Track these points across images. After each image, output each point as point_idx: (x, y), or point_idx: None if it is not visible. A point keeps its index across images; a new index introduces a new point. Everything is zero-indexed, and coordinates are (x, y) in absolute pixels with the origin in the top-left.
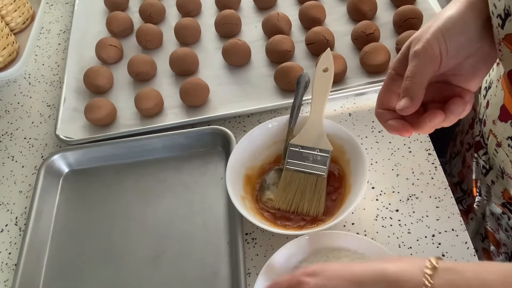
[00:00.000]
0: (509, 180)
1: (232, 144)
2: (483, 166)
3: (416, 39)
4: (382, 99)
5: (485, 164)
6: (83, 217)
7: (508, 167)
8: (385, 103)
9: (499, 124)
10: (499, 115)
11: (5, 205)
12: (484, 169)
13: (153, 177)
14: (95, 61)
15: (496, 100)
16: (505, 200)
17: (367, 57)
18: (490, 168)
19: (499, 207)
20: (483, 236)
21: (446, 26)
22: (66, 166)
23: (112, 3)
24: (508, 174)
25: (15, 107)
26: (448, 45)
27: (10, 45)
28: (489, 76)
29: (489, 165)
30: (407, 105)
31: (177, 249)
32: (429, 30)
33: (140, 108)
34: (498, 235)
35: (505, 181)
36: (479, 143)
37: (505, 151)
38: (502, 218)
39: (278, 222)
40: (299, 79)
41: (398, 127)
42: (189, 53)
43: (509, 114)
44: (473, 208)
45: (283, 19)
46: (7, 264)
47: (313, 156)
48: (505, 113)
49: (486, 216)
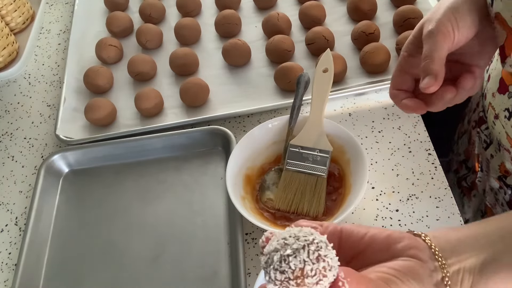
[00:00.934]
0: (504, 153)
1: (232, 144)
2: (484, 141)
3: (428, 21)
4: (396, 80)
5: (486, 138)
6: (83, 217)
7: (503, 138)
8: (399, 84)
9: (497, 97)
10: (498, 87)
11: (5, 205)
12: (485, 143)
13: (153, 177)
14: (95, 61)
15: (495, 73)
16: (501, 173)
17: (367, 57)
18: (491, 142)
19: (497, 182)
20: (483, 212)
21: (455, 6)
22: (66, 166)
23: (112, 3)
24: (503, 146)
25: (15, 107)
26: (459, 23)
27: (10, 45)
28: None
29: (490, 139)
30: (431, 83)
31: (177, 249)
32: (439, 11)
33: (140, 108)
34: (495, 210)
35: (501, 154)
36: (482, 118)
37: (502, 123)
38: (499, 193)
39: (278, 222)
40: (299, 79)
41: (413, 105)
42: (189, 53)
43: (506, 86)
44: (475, 184)
45: (283, 19)
46: (7, 264)
47: (313, 157)
48: (503, 86)
49: (486, 191)
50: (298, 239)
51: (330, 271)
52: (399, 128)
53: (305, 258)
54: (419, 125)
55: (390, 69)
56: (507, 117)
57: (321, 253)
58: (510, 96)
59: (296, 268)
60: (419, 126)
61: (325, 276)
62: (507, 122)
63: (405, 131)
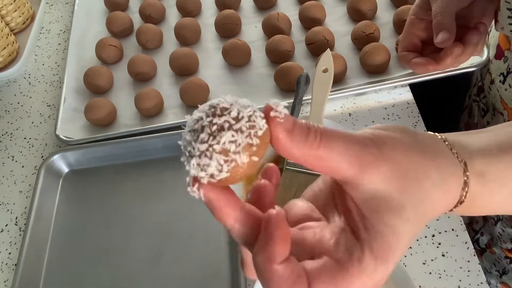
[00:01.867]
0: (499, 117)
1: None
2: (482, 109)
3: None
4: (404, 42)
5: (484, 106)
6: (83, 217)
7: (498, 102)
8: (407, 45)
9: (494, 62)
10: (495, 53)
11: (5, 205)
12: (483, 111)
13: (153, 177)
14: (95, 61)
15: (493, 40)
16: None
17: (367, 57)
18: (487, 110)
19: None
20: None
21: None
22: (66, 166)
23: (112, 3)
24: (497, 109)
25: (15, 107)
26: None
27: (10, 45)
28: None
29: (487, 107)
30: (446, 37)
31: (177, 249)
32: None
33: (140, 108)
34: None
35: (496, 119)
36: (480, 87)
37: (496, 87)
38: None
39: None
40: (299, 79)
41: (423, 62)
42: (189, 53)
43: (502, 52)
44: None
45: (283, 19)
46: (7, 264)
47: None
48: (499, 51)
49: None
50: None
51: (252, 127)
52: None
53: (204, 117)
54: (419, 125)
55: (390, 69)
56: (502, 81)
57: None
58: (505, 60)
59: (211, 123)
60: (419, 126)
61: (250, 133)
62: (501, 86)
63: None
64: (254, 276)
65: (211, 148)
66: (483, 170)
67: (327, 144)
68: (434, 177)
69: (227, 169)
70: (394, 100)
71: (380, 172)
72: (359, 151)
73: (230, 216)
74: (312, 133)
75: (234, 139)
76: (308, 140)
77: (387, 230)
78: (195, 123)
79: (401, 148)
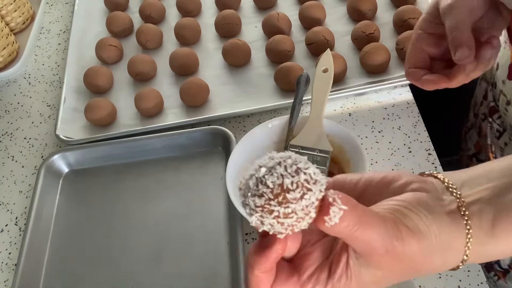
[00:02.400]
0: None
1: (232, 144)
2: (497, 130)
3: None
4: (412, 58)
5: (499, 127)
6: (83, 217)
7: None
8: (415, 62)
9: (508, 83)
10: (508, 74)
11: (5, 205)
12: (498, 132)
13: (153, 177)
14: (95, 61)
15: (504, 60)
16: None
17: (367, 57)
18: (504, 130)
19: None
20: None
21: None
22: (66, 166)
23: (112, 3)
24: None
25: (15, 107)
26: None
27: (10, 45)
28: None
29: (503, 127)
30: (466, 53)
31: (177, 249)
32: None
33: (140, 108)
34: None
35: None
36: (493, 107)
37: None
38: None
39: None
40: (299, 79)
41: (435, 79)
42: (189, 53)
43: None
44: None
45: (283, 19)
46: (7, 264)
47: (313, 157)
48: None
49: None
50: (273, 159)
51: (315, 184)
52: (399, 128)
53: (282, 172)
54: (419, 125)
55: (390, 69)
56: None
57: (300, 166)
58: None
59: (275, 185)
60: (419, 126)
61: (310, 189)
62: None
63: (405, 131)
64: None
65: (287, 210)
66: (493, 222)
67: (363, 232)
68: (437, 263)
69: (287, 229)
70: (394, 100)
71: (393, 268)
72: (388, 246)
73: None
74: (351, 225)
75: (302, 208)
76: (348, 228)
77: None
78: (270, 173)
79: (420, 252)
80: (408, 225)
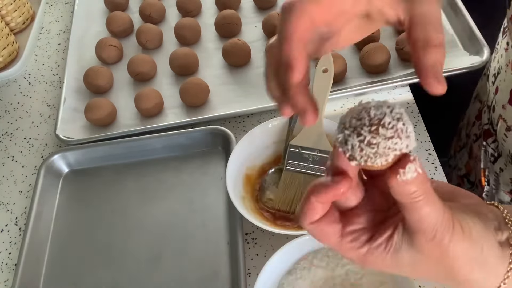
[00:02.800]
0: None
1: (232, 144)
2: (492, 154)
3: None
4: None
5: (494, 151)
6: (83, 217)
7: None
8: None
9: (509, 108)
10: (509, 99)
11: (5, 205)
12: (493, 156)
13: (153, 177)
14: (95, 61)
15: (505, 85)
16: None
17: (367, 57)
18: (499, 155)
19: (508, 194)
20: None
21: None
22: (66, 166)
23: (112, 3)
24: None
25: (15, 107)
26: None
27: (10, 45)
28: (497, 63)
29: (498, 152)
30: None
31: (177, 249)
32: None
33: (140, 108)
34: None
35: None
36: (488, 131)
37: None
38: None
39: (278, 222)
40: None
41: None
42: (189, 53)
43: None
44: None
45: None
46: (7, 264)
47: (313, 157)
48: None
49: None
50: (385, 102)
51: (407, 138)
52: None
53: (387, 111)
54: (419, 125)
55: (390, 69)
56: None
57: (404, 118)
58: None
59: (376, 115)
60: (419, 126)
61: (400, 138)
62: None
63: None
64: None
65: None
66: None
67: (423, 205)
68: (475, 276)
69: (362, 158)
70: (394, 100)
71: (433, 258)
72: (438, 232)
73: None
74: (419, 192)
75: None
76: (415, 194)
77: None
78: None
79: (463, 255)
80: (463, 225)
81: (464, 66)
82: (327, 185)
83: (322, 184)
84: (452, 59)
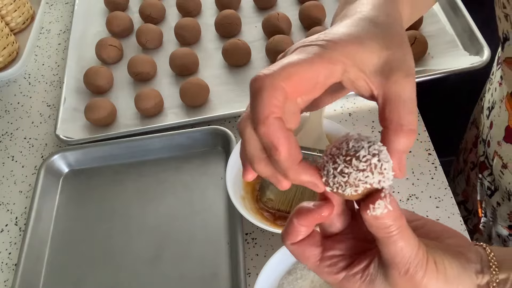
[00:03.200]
0: None
1: (232, 144)
2: (488, 187)
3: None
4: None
5: (490, 185)
6: (83, 217)
7: None
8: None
9: (504, 146)
10: (504, 136)
11: (5, 205)
12: (489, 190)
13: (153, 177)
14: (95, 61)
15: (500, 121)
16: (511, 222)
17: None
18: (496, 189)
19: (505, 229)
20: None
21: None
22: (66, 166)
23: (112, 3)
24: None
25: (15, 107)
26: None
27: (10, 45)
28: (491, 96)
29: (494, 186)
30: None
31: (177, 249)
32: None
33: (140, 108)
34: None
35: (511, 204)
36: (484, 164)
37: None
38: (509, 240)
39: (278, 222)
40: None
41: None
42: (189, 53)
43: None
44: (479, 228)
45: (283, 19)
46: (7, 264)
47: (313, 157)
48: (510, 134)
49: (492, 238)
50: (368, 137)
51: (380, 174)
52: None
53: (365, 146)
54: (419, 125)
55: None
56: None
57: (381, 156)
58: None
59: (353, 148)
60: (419, 126)
61: (371, 172)
62: None
63: None
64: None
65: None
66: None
67: (396, 241)
68: None
69: (334, 185)
70: None
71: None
72: (410, 268)
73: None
74: (393, 228)
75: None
76: (389, 229)
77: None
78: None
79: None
80: (438, 264)
81: (464, 66)
82: (309, 210)
83: (305, 208)
84: (452, 59)
